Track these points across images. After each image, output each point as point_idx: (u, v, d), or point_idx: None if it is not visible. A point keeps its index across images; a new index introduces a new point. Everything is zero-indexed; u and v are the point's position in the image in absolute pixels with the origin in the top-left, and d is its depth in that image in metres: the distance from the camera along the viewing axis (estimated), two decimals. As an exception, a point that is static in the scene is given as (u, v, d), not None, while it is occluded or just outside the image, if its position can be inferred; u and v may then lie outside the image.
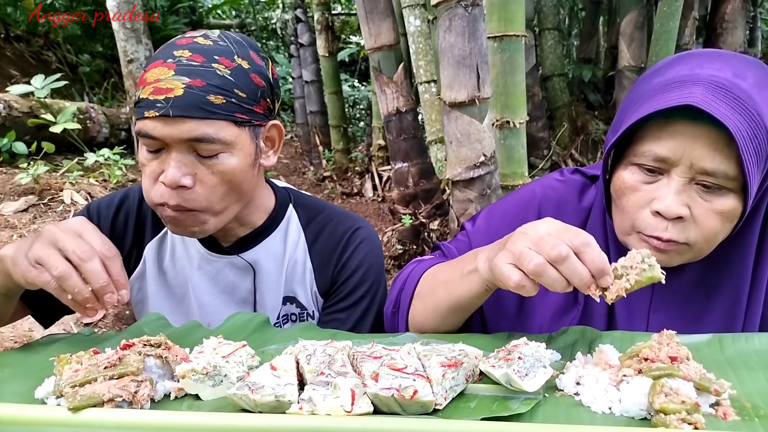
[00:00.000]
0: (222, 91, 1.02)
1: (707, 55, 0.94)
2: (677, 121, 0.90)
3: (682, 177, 0.91)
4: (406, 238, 3.68)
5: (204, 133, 1.01)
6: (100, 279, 0.88)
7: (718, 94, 0.87)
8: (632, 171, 0.97)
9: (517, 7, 2.56)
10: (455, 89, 2.35)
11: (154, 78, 1.01)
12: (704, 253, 0.98)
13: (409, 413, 0.72)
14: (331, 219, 1.31)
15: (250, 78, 1.06)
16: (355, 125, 7.65)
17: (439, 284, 1.06)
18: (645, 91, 0.96)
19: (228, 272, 1.26)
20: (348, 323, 1.24)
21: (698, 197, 0.92)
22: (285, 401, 0.72)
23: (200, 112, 1.00)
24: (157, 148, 1.05)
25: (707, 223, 0.92)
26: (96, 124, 4.80)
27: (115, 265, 0.91)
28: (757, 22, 5.73)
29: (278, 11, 9.65)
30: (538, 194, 1.18)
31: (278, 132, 1.18)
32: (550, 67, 4.96)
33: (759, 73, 0.91)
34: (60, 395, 0.76)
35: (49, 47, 6.32)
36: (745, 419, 0.70)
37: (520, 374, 0.74)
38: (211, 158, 1.04)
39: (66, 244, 0.89)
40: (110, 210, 1.26)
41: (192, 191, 1.05)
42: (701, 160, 0.89)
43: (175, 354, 0.84)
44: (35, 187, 3.70)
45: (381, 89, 3.60)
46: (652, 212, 0.94)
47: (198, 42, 1.05)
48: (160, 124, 1.01)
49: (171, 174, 1.02)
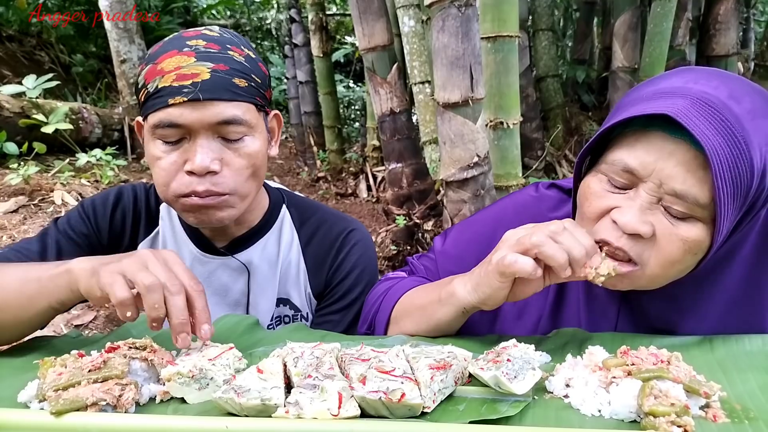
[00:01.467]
0: (243, 75, 1.05)
1: (708, 73, 0.87)
2: (654, 133, 0.84)
3: (650, 194, 0.84)
4: (400, 239, 3.68)
5: (233, 115, 1.03)
6: (181, 316, 0.85)
7: (704, 111, 0.79)
8: (600, 179, 0.91)
9: (511, 7, 2.56)
10: (449, 90, 2.34)
11: (173, 66, 1.01)
12: (658, 283, 0.91)
13: (397, 416, 0.71)
14: (325, 221, 1.30)
15: (258, 66, 1.10)
16: (349, 126, 7.64)
17: (415, 309, 1.05)
18: (633, 99, 0.90)
19: (221, 273, 1.25)
20: (342, 325, 1.24)
21: (663, 218, 0.85)
22: (271, 404, 0.71)
23: (228, 94, 1.03)
24: (179, 138, 1.04)
25: (667, 248, 0.85)
26: (88, 124, 4.77)
27: (200, 301, 0.88)
28: (750, 23, 5.76)
29: (273, 11, 9.63)
30: (509, 212, 1.15)
31: (278, 121, 1.21)
32: (544, 68, 4.96)
33: (758, 101, 0.83)
34: (43, 399, 0.75)
35: (41, 47, 6.29)
36: (735, 421, 0.69)
37: (509, 376, 0.74)
38: (236, 141, 1.06)
39: (158, 272, 0.86)
40: (107, 208, 1.24)
41: (220, 175, 1.05)
42: (672, 180, 0.82)
43: (160, 357, 0.83)
44: (26, 188, 3.67)
45: (375, 90, 3.59)
46: (611, 220, 0.88)
47: (206, 33, 1.07)
48: (188, 109, 1.01)
49: (200, 160, 1.02)
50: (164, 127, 1.02)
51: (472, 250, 1.13)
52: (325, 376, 0.75)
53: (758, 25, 6.39)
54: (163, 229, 1.26)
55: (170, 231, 1.26)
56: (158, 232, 1.26)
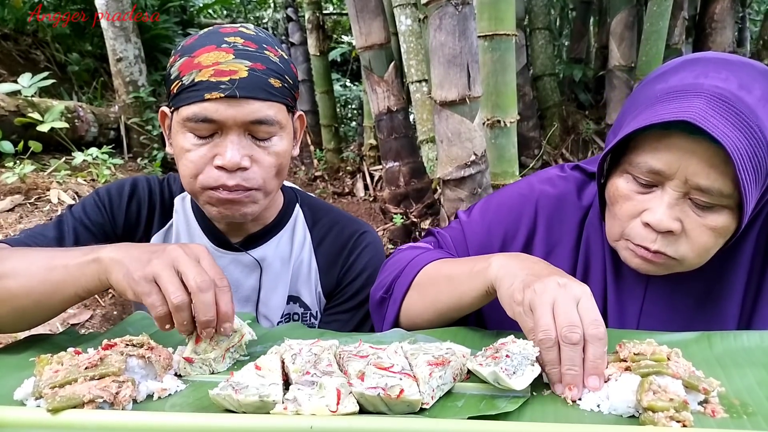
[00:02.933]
0: (278, 75, 1.07)
1: (714, 63, 0.89)
2: (674, 134, 0.87)
3: (676, 191, 0.89)
4: (397, 238, 3.68)
5: (266, 115, 1.05)
6: (209, 313, 0.83)
7: (719, 108, 0.83)
8: (627, 179, 0.95)
9: (508, 6, 2.56)
10: (446, 88, 2.34)
11: (211, 61, 1.02)
12: (694, 267, 0.96)
13: (396, 413, 0.71)
14: (337, 222, 1.32)
15: (290, 67, 1.12)
16: (346, 125, 7.64)
17: (442, 278, 1.03)
18: (646, 97, 0.93)
19: (233, 269, 1.25)
20: (350, 325, 1.26)
21: (691, 212, 0.90)
22: (269, 401, 0.71)
23: (264, 93, 1.04)
24: (210, 134, 1.05)
25: (699, 239, 0.90)
26: (84, 123, 4.75)
27: (225, 297, 0.86)
28: (745, 22, 5.77)
29: (269, 10, 9.62)
30: (536, 190, 1.15)
31: (301, 122, 1.22)
32: (541, 67, 4.97)
33: (767, 85, 0.87)
34: (39, 396, 0.75)
35: (37, 46, 6.26)
36: (733, 417, 0.69)
37: (507, 372, 0.74)
38: (265, 140, 1.08)
39: (187, 269, 0.84)
40: (122, 198, 1.24)
41: (250, 171, 1.06)
42: (696, 176, 0.86)
43: (158, 354, 0.83)
44: (22, 187, 3.65)
45: (372, 88, 3.59)
46: (643, 223, 0.92)
47: (243, 31, 1.08)
48: (224, 105, 1.02)
49: (231, 156, 1.03)
50: (198, 121, 1.03)
51: (502, 219, 1.15)
52: (323, 373, 0.75)
53: (753, 24, 6.40)
54: (177, 222, 1.26)
55: (184, 224, 1.26)
56: (171, 225, 1.26)
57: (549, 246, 1.12)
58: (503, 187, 1.27)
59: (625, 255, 0.98)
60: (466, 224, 1.19)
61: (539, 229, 1.12)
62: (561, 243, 1.11)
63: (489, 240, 1.14)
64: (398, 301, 1.08)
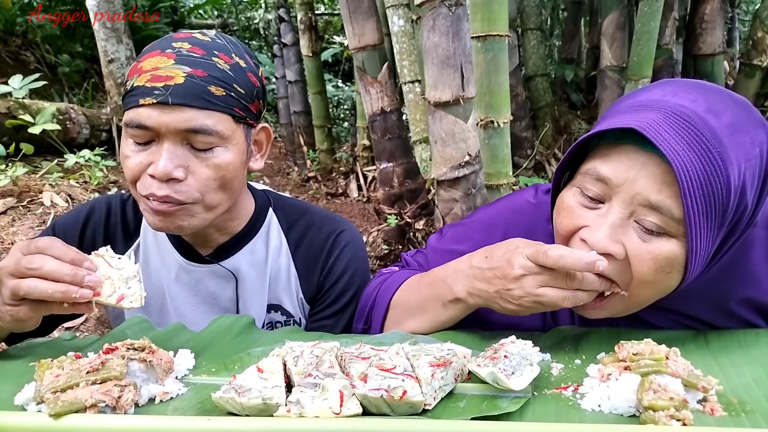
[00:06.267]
0: (223, 83, 1.01)
1: (688, 85, 0.85)
2: (627, 145, 0.83)
3: (622, 210, 0.83)
4: (391, 238, 3.68)
5: (203, 124, 0.99)
6: (64, 271, 0.85)
7: (677, 125, 0.78)
8: (574, 192, 0.90)
9: (501, 6, 2.57)
10: (440, 89, 2.35)
11: (151, 66, 0.99)
12: (644, 302, 0.89)
13: (399, 414, 0.72)
14: (313, 222, 1.28)
15: (247, 76, 1.06)
16: (339, 125, 7.62)
17: (416, 308, 1.06)
18: (613, 111, 0.90)
19: (208, 282, 1.22)
20: (336, 329, 1.23)
21: (635, 235, 0.83)
22: (272, 404, 0.71)
23: (200, 101, 0.99)
24: (148, 140, 1.01)
25: (638, 267, 0.83)
26: (76, 124, 4.72)
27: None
28: (735, 22, 5.82)
29: (261, 11, 9.59)
30: (505, 217, 1.14)
31: (266, 135, 1.17)
32: (533, 67, 4.98)
33: (741, 116, 0.81)
34: (41, 401, 0.75)
35: (27, 47, 6.21)
36: (732, 414, 0.70)
37: (506, 373, 0.74)
38: (205, 151, 1.02)
39: (21, 268, 0.86)
40: (76, 227, 1.21)
41: (184, 183, 1.02)
42: (646, 190, 0.80)
43: (159, 358, 0.83)
44: (14, 189, 3.62)
45: (365, 89, 3.59)
46: (580, 239, 0.87)
47: (196, 36, 1.04)
48: (157, 112, 0.98)
49: (162, 166, 0.99)
50: (133, 126, 1.00)
51: (466, 251, 1.11)
52: (325, 375, 0.75)
53: (742, 25, 6.46)
54: (145, 238, 1.23)
55: (153, 240, 1.23)
56: (139, 244, 1.23)
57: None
58: (475, 211, 1.28)
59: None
60: (431, 252, 1.22)
61: None
62: None
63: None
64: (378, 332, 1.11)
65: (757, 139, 0.81)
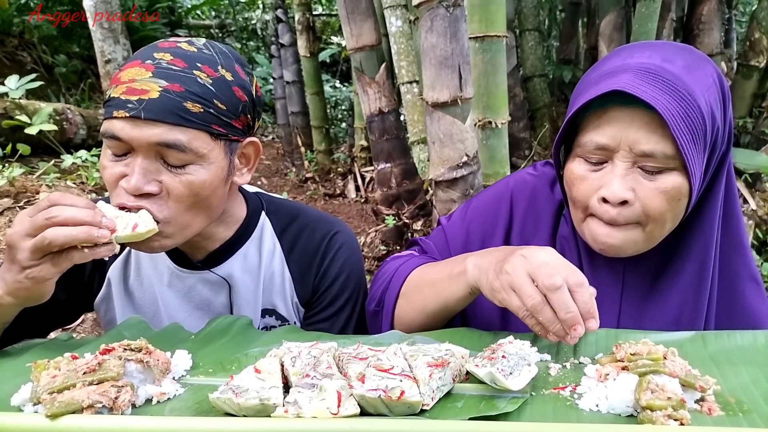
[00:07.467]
0: (200, 99, 0.97)
1: (638, 46, 0.99)
2: (612, 109, 0.94)
3: (625, 161, 0.94)
4: (389, 239, 3.68)
5: (175, 140, 0.96)
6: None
7: (647, 78, 0.91)
8: (579, 162, 1.00)
9: (498, 7, 2.57)
10: (437, 89, 2.35)
11: (129, 78, 0.96)
12: (657, 238, 1.00)
13: (396, 414, 0.72)
14: (306, 225, 1.26)
15: (232, 91, 1.02)
16: (337, 126, 7.62)
17: (425, 284, 1.08)
18: (583, 86, 1.01)
19: (201, 288, 1.21)
20: (332, 332, 1.21)
21: (642, 179, 0.94)
22: (270, 404, 0.71)
23: (174, 117, 0.95)
24: (123, 152, 0.99)
25: (653, 203, 0.94)
26: (73, 125, 4.71)
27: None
28: (732, 23, 5.83)
29: (258, 11, 9.59)
30: (510, 187, 1.22)
31: (255, 149, 1.13)
32: (531, 68, 4.99)
33: (689, 57, 0.95)
34: (37, 402, 0.74)
35: (23, 47, 6.20)
36: (729, 414, 0.70)
37: (504, 373, 0.74)
38: (179, 168, 0.99)
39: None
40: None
41: (159, 197, 0.99)
42: (639, 143, 0.92)
43: (156, 358, 0.83)
44: (11, 190, 3.61)
45: (363, 90, 3.59)
46: (599, 199, 0.97)
47: (181, 47, 1.00)
48: (129, 125, 0.95)
49: (135, 180, 0.96)
50: (108, 138, 0.98)
51: (479, 221, 1.21)
52: (323, 375, 0.75)
53: (739, 26, 6.47)
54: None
55: None
56: (130, 251, 1.21)
57: (525, 240, 1.17)
58: (481, 191, 1.35)
59: (590, 238, 1.02)
60: (448, 228, 1.26)
61: (515, 226, 1.19)
62: (536, 236, 1.16)
63: (469, 241, 1.21)
64: (390, 313, 1.13)
65: (708, 72, 0.95)
